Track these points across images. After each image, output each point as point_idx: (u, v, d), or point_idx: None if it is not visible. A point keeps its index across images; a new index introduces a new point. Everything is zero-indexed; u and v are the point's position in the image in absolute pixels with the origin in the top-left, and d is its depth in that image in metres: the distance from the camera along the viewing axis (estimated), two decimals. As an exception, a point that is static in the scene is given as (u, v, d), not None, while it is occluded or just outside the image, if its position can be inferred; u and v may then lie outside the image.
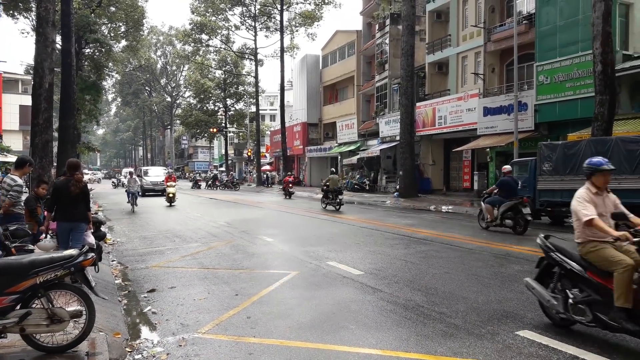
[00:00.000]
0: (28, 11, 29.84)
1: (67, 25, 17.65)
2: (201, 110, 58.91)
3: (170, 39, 74.14)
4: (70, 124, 18.31)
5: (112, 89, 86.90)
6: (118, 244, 12.22)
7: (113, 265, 9.33)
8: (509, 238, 12.13)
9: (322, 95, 47.89)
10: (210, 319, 5.91)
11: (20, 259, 4.57)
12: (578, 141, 14.93)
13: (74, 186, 6.68)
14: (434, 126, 29.16)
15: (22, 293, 4.32)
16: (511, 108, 22.22)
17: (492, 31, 25.63)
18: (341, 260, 9.33)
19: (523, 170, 16.06)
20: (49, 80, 13.14)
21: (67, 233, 6.79)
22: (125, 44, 39.57)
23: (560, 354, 4.58)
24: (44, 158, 12.92)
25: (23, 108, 43.04)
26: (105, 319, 5.55)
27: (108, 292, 6.83)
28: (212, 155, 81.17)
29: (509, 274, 8.01)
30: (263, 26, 48.00)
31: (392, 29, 33.54)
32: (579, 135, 18.23)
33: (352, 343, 5.00)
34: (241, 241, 12.22)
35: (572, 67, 20.41)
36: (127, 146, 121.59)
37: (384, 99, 35.55)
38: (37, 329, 4.37)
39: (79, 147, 27.90)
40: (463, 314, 5.86)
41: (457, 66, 28.54)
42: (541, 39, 22.06)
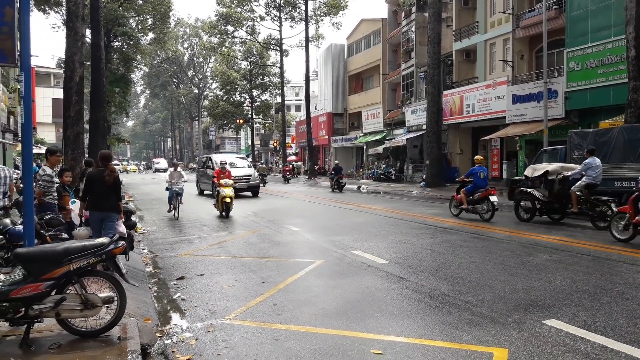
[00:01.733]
0: (59, 6, 30.47)
1: (96, 19, 17.97)
2: (228, 101, 59.35)
3: (196, 31, 74.78)
4: (101, 116, 18.71)
5: (140, 82, 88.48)
6: (148, 232, 12.49)
7: (144, 254, 9.55)
8: (537, 227, 11.95)
9: (347, 84, 47.68)
10: (237, 305, 6.02)
11: (54, 246, 4.73)
12: (610, 129, 14.57)
13: (108, 176, 6.86)
14: (461, 114, 28.76)
15: (57, 279, 4.48)
16: (541, 95, 21.75)
17: (521, 17, 25.05)
18: (366, 250, 9.35)
19: (553, 159, 15.75)
20: (79, 73, 13.45)
21: (99, 222, 6.99)
22: (152, 37, 40.14)
23: (588, 343, 4.53)
24: (76, 150, 13.27)
25: (55, 101, 44.11)
26: (136, 305, 5.71)
27: (139, 280, 7.01)
28: (239, 146, 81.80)
29: (536, 263, 7.91)
30: (288, 16, 47.94)
31: (419, 16, 33.07)
32: (611, 122, 17.75)
33: (377, 330, 5.04)
34: (267, 230, 12.34)
35: (604, 52, 19.84)
36: (156, 137, 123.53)
37: (410, 88, 35.20)
38: (72, 314, 4.53)
39: (109, 138, 28.51)
40: (489, 302, 5.83)
41: (485, 53, 28.03)
42: (572, 24, 21.49)
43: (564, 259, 8.15)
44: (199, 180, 25.51)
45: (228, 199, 14.74)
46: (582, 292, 6.19)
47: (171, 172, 15.99)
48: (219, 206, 15.12)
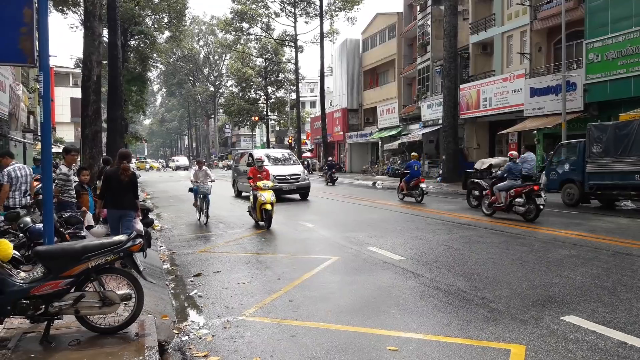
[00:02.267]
0: (76, 6, 30.84)
1: (112, 19, 18.14)
2: (243, 98, 59.54)
3: (211, 29, 75.10)
4: (118, 114, 18.91)
5: (157, 80, 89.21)
6: (165, 230, 12.62)
7: (161, 251, 9.65)
8: (556, 222, 11.80)
9: (362, 80, 47.47)
10: (253, 302, 6.05)
11: (73, 244, 4.80)
12: (631, 121, 14.29)
13: (122, 174, 6.93)
14: (478, 108, 28.47)
15: (76, 277, 4.54)
16: (559, 88, 21.43)
17: (539, 9, 24.66)
18: (382, 246, 9.33)
19: (571, 152, 15.54)
20: (97, 72, 13.59)
21: (117, 220, 7.07)
22: (168, 35, 40.41)
23: (607, 339, 4.47)
24: (94, 148, 13.42)
25: (74, 100, 44.60)
26: (153, 302, 5.77)
27: (156, 277, 7.09)
28: (255, 143, 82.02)
29: (555, 258, 7.82)
30: (303, 12, 47.87)
31: (434, 9, 32.78)
32: (632, 114, 17.41)
33: (392, 327, 5.03)
34: (283, 227, 12.38)
35: (624, 43, 19.45)
36: (173, 135, 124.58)
37: (426, 82, 34.93)
38: (90, 311, 4.59)
39: (126, 137, 28.82)
40: (506, 299, 5.78)
41: (502, 46, 27.67)
42: (591, 14, 21.10)
43: (583, 255, 8.04)
44: (236, 180, 21.86)
45: (269, 206, 11.89)
46: (601, 287, 6.10)
47: (196, 172, 13.93)
48: (256, 214, 12.37)
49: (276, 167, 18.65)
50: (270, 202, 11.90)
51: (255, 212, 12.47)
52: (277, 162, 20.14)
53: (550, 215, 12.79)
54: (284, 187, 18.06)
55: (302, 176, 19.31)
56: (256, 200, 12.20)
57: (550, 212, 13.44)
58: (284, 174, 18.55)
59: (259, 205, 12.09)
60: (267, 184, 12.48)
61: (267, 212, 11.90)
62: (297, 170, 19.58)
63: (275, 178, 16.87)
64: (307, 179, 19.49)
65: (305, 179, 19.27)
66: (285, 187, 18.25)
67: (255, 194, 12.35)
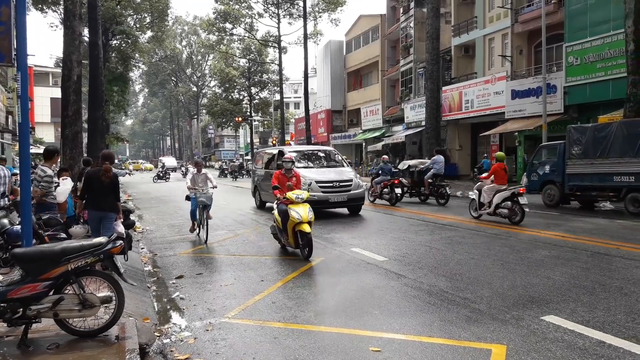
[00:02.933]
0: (56, 5, 30.42)
1: (93, 18, 17.94)
2: (226, 99, 59.26)
3: (194, 29, 74.63)
4: (99, 115, 18.70)
5: (139, 80, 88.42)
6: (147, 232, 12.49)
7: (142, 253, 9.55)
8: (537, 223, 11.95)
9: (346, 81, 47.63)
10: (236, 304, 6.02)
11: (52, 246, 4.72)
12: (609, 123, 14.56)
13: (103, 176, 6.84)
14: (460, 110, 28.76)
15: (55, 279, 4.47)
16: (540, 90, 21.75)
17: (520, 12, 25.02)
18: (365, 247, 9.35)
19: (552, 154, 15.77)
20: (77, 72, 13.40)
21: (97, 221, 6.97)
22: (150, 35, 40.06)
23: (586, 339, 4.53)
24: (74, 149, 13.23)
25: (54, 100, 44.06)
26: (134, 305, 5.71)
27: (137, 279, 7.01)
28: (238, 144, 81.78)
29: (535, 259, 7.91)
30: (286, 13, 47.78)
31: (417, 11, 33.04)
32: (611, 117, 17.75)
33: (375, 328, 5.04)
34: (267, 228, 12.31)
35: (603, 47, 19.83)
36: (155, 136, 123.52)
37: (409, 84, 35.16)
38: (70, 314, 4.52)
39: (108, 137, 28.49)
40: (488, 299, 5.84)
41: (484, 48, 28.00)
42: (571, 18, 21.46)
43: (563, 255, 8.16)
44: (258, 187, 17.12)
45: (307, 227, 8.37)
46: (580, 287, 6.19)
47: (194, 176, 11.36)
48: (287, 238, 8.83)
49: (317, 171, 14.35)
50: (308, 220, 8.44)
51: (284, 234, 8.90)
52: (317, 162, 15.42)
53: (531, 216, 12.95)
54: (330, 199, 13.48)
55: (355, 182, 14.20)
56: (286, 218, 8.65)
57: (531, 212, 13.57)
58: (330, 180, 13.76)
59: (291, 226, 8.55)
60: (301, 194, 8.84)
61: (306, 236, 8.36)
62: (347, 175, 14.47)
63: (319, 186, 13.33)
64: (360, 185, 14.43)
65: (358, 186, 14.25)
66: (333, 198, 13.57)
67: (283, 209, 8.76)
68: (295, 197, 8.69)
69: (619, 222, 12.09)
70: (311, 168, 14.68)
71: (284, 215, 8.74)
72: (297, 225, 8.41)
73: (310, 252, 8.38)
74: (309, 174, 13.61)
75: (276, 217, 9.19)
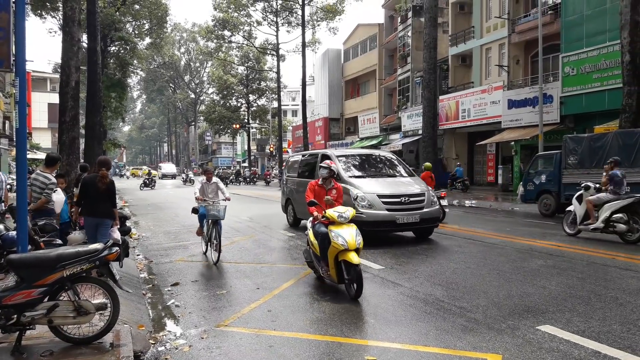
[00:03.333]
0: (55, 11, 30.47)
1: (92, 24, 17.96)
2: (224, 106, 59.35)
3: (193, 36, 74.81)
4: (97, 121, 18.66)
5: (137, 86, 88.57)
6: (143, 238, 12.46)
7: (138, 260, 9.52)
8: (533, 233, 11.98)
9: (343, 89, 47.79)
10: (231, 312, 6.00)
11: (48, 252, 4.71)
12: (605, 134, 14.64)
13: (100, 182, 6.83)
14: (457, 119, 28.86)
15: (50, 286, 4.46)
16: (536, 100, 21.86)
17: (517, 22, 25.20)
18: (361, 255, 9.29)
19: (548, 163, 15.84)
20: (75, 78, 13.43)
21: (93, 228, 6.95)
22: (149, 42, 40.15)
23: (581, 349, 4.53)
24: (71, 155, 13.23)
25: (51, 106, 44.04)
26: (129, 312, 5.69)
27: (133, 286, 6.99)
28: (235, 151, 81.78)
29: (531, 268, 7.92)
30: (285, 21, 48.01)
31: (415, 21, 33.24)
32: (606, 127, 17.84)
33: (371, 336, 5.04)
34: (263, 236, 12.33)
35: (599, 57, 19.96)
36: (153, 143, 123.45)
37: (406, 93, 35.30)
38: (64, 321, 4.51)
39: (105, 143, 28.44)
40: (484, 308, 5.83)
41: (481, 58, 28.16)
42: (567, 29, 21.62)
43: (559, 264, 8.17)
44: (291, 200, 13.95)
45: (354, 257, 6.34)
46: (576, 297, 6.19)
47: (202, 185, 9.82)
48: (327, 269, 6.77)
49: (376, 182, 10.86)
50: (356, 247, 6.40)
51: (323, 264, 6.81)
52: (372, 170, 11.75)
53: (527, 226, 12.98)
54: (398, 219, 10.07)
55: (428, 197, 10.70)
56: (326, 243, 6.60)
57: (527, 222, 13.65)
58: (397, 195, 10.38)
59: (333, 255, 6.52)
60: (346, 212, 6.74)
61: (353, 269, 6.26)
62: (417, 187, 10.97)
63: (383, 202, 10.12)
64: (434, 201, 11.02)
65: (432, 203, 10.81)
66: (402, 218, 10.12)
67: (323, 232, 6.69)
68: (338, 216, 6.66)
69: (615, 232, 12.10)
70: (368, 178, 11.10)
71: (323, 240, 6.69)
72: (342, 254, 6.41)
73: (360, 289, 6.22)
74: (366, 186, 10.51)
75: (311, 241, 7.17)
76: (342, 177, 10.65)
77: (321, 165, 7.79)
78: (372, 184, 10.83)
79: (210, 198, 9.59)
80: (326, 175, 7.55)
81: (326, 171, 7.57)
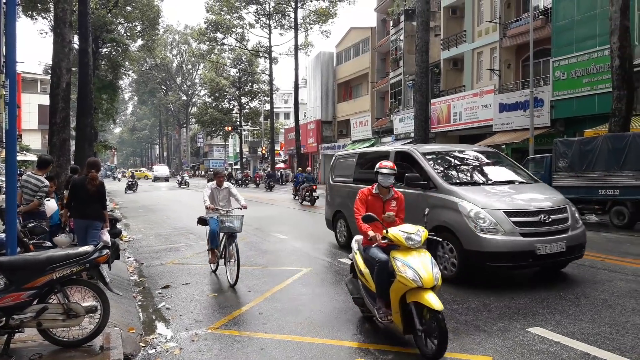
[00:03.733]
0: (46, 12, 30.30)
1: (84, 26, 17.88)
2: (216, 108, 59.29)
3: (185, 38, 74.72)
4: (88, 122, 18.57)
5: (128, 88, 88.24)
6: (134, 241, 12.39)
7: (129, 262, 9.47)
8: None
9: (336, 92, 47.85)
10: (223, 314, 5.99)
11: (37, 255, 4.68)
12: (594, 137, 14.76)
13: (89, 184, 6.79)
14: (449, 123, 28.99)
15: (39, 288, 4.43)
16: (527, 104, 22.00)
17: (508, 26, 25.37)
18: (354, 257, 9.33)
19: (538, 167, 15.92)
20: (66, 80, 13.36)
21: (83, 230, 6.91)
22: (141, 43, 40.03)
23: (571, 350, 4.56)
24: (62, 157, 13.15)
25: (42, 107, 43.65)
26: (120, 315, 5.66)
27: (123, 289, 6.95)
28: (227, 153, 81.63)
29: (522, 271, 7.96)
30: (277, 24, 48.08)
31: (407, 25, 33.37)
32: (596, 131, 17.99)
33: (362, 339, 5.04)
34: (255, 238, 12.31)
35: (589, 62, 20.14)
36: (144, 144, 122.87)
37: (399, 96, 35.41)
38: (54, 324, 4.47)
39: (96, 145, 28.28)
40: (474, 310, 5.86)
41: (473, 62, 28.31)
42: (558, 34, 21.80)
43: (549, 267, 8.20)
44: (342, 212, 10.61)
45: (430, 298, 4.40)
46: (566, 300, 6.24)
47: (212, 191, 8.22)
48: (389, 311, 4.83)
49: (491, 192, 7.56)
50: (434, 284, 4.55)
51: (380, 303, 4.99)
52: (481, 176, 8.34)
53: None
54: (538, 248, 6.76)
55: (571, 213, 7.55)
56: (385, 276, 4.84)
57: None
58: (532, 210, 7.15)
59: (398, 293, 4.66)
60: (416, 233, 4.83)
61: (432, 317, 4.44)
62: (553, 199, 7.62)
63: (513, 221, 6.86)
64: (577, 217, 7.72)
65: (576, 219, 7.63)
66: (543, 246, 6.81)
67: (382, 260, 4.88)
68: (406, 238, 4.69)
69: (604, 234, 12.22)
70: (479, 185, 7.87)
71: (381, 271, 4.82)
72: (412, 293, 4.49)
73: (443, 347, 4.30)
74: (481, 197, 7.23)
75: (361, 269, 5.25)
76: (440, 185, 7.56)
77: (381, 172, 5.41)
78: (488, 194, 7.40)
79: (222, 206, 8.08)
80: (387, 183, 5.44)
81: (390, 179, 5.44)
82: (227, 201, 8.33)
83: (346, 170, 10.87)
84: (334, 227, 11.00)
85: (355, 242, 5.68)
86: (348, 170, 10.75)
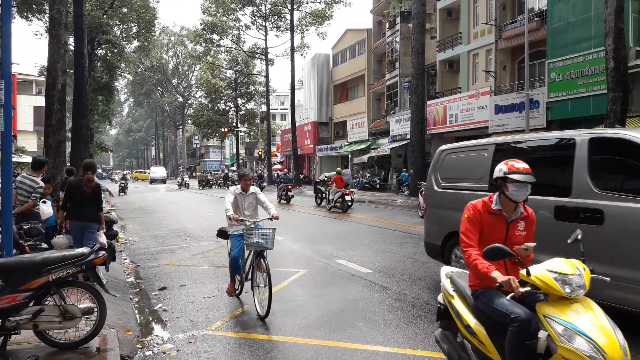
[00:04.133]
0: (41, 13, 30.16)
1: (79, 27, 17.81)
2: (212, 110, 59.19)
3: (181, 40, 74.63)
4: (83, 124, 18.49)
5: (124, 90, 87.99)
6: (130, 242, 12.36)
7: (125, 264, 9.44)
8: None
9: (332, 94, 47.90)
10: (219, 316, 5.98)
11: (33, 256, 4.66)
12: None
13: (85, 186, 6.77)
14: (445, 124, 29.03)
15: (35, 290, 4.41)
16: (523, 106, 22.06)
17: (503, 28, 25.44)
18: (350, 259, 9.36)
19: (534, 168, 15.97)
20: (61, 81, 13.30)
21: (79, 232, 6.89)
22: (137, 45, 39.93)
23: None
24: (57, 158, 13.08)
25: (37, 109, 43.55)
26: (116, 316, 5.64)
27: (120, 290, 6.93)
28: (224, 154, 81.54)
29: (518, 272, 7.97)
30: (273, 26, 48.09)
31: (403, 27, 33.44)
32: (591, 132, 18.03)
33: (359, 340, 5.04)
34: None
35: (584, 64, 20.22)
36: (140, 146, 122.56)
37: (395, 98, 35.46)
38: (50, 326, 4.46)
39: (92, 147, 28.20)
40: (471, 311, 5.86)
41: (468, 64, 28.38)
42: (553, 35, 21.87)
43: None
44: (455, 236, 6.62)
45: None
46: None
47: (236, 197, 6.55)
48: None
49: None
50: None
51: None
52: None
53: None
54: None
55: None
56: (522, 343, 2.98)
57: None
58: None
59: None
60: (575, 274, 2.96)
61: None
62: None
63: None
64: None
65: None
66: None
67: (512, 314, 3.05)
68: (562, 283, 2.96)
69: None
70: None
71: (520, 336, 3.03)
72: None
73: None
74: None
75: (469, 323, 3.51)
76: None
77: (513, 177, 3.44)
78: None
79: (248, 216, 6.54)
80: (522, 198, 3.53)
81: (527, 190, 3.50)
82: (254, 210, 6.72)
83: (469, 171, 6.95)
84: (445, 255, 7.16)
85: (446, 277, 3.94)
86: (474, 170, 6.81)
